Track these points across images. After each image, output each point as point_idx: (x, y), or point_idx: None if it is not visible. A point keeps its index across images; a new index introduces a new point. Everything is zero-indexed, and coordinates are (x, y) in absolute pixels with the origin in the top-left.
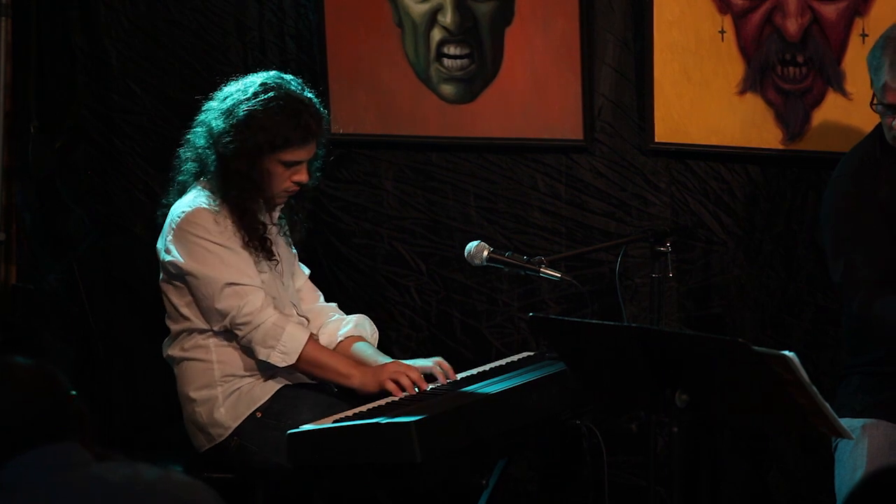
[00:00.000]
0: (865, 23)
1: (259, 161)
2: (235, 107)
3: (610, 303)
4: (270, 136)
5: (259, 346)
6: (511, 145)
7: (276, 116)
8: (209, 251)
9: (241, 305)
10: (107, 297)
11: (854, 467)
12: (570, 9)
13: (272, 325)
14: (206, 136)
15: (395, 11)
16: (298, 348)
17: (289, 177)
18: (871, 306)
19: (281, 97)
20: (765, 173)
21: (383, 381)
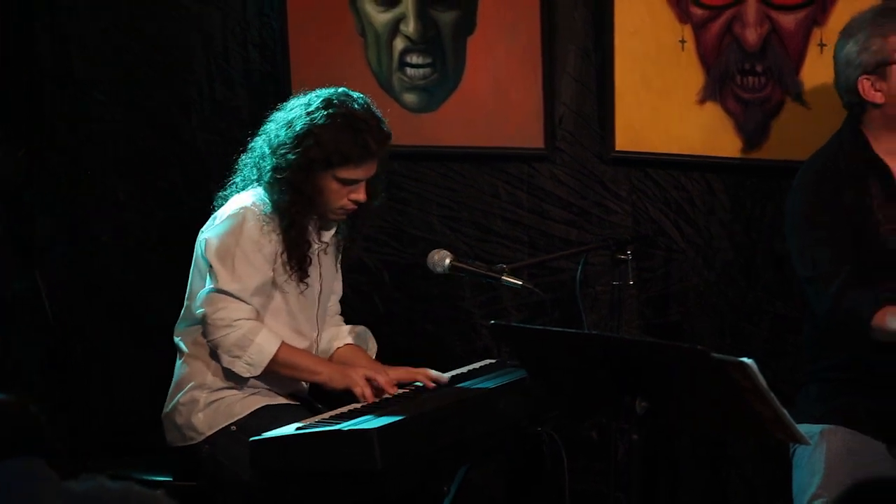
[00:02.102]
0: (823, 33)
1: (314, 176)
2: (296, 119)
3: (571, 310)
4: (327, 152)
5: (225, 353)
6: (473, 154)
7: (335, 132)
8: (231, 252)
9: (218, 309)
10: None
11: (812, 473)
12: (531, 18)
13: (241, 336)
14: (266, 145)
15: (358, 21)
16: (265, 361)
17: (346, 194)
18: (843, 299)
19: (342, 114)
20: (724, 182)
21: (349, 381)
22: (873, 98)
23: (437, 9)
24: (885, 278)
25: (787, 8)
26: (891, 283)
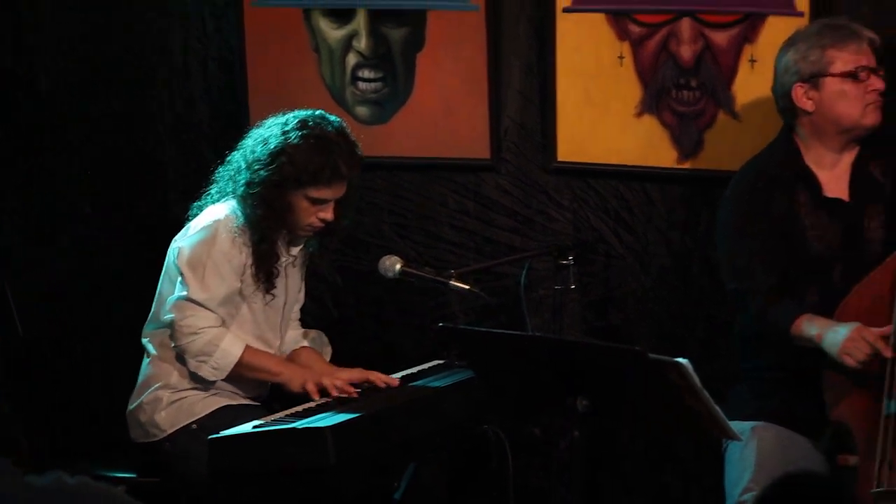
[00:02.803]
0: (754, 49)
1: (285, 193)
2: (272, 137)
3: (515, 314)
4: (298, 171)
5: (192, 358)
6: (422, 164)
7: (307, 153)
8: (202, 263)
9: (186, 317)
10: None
11: (743, 468)
12: (477, 35)
13: (207, 342)
14: (243, 159)
15: (313, 37)
16: (230, 364)
17: (315, 213)
18: (767, 311)
19: (316, 135)
20: (661, 191)
21: (305, 382)
22: (804, 105)
23: (388, 26)
24: (811, 283)
25: (720, 26)
26: (815, 287)
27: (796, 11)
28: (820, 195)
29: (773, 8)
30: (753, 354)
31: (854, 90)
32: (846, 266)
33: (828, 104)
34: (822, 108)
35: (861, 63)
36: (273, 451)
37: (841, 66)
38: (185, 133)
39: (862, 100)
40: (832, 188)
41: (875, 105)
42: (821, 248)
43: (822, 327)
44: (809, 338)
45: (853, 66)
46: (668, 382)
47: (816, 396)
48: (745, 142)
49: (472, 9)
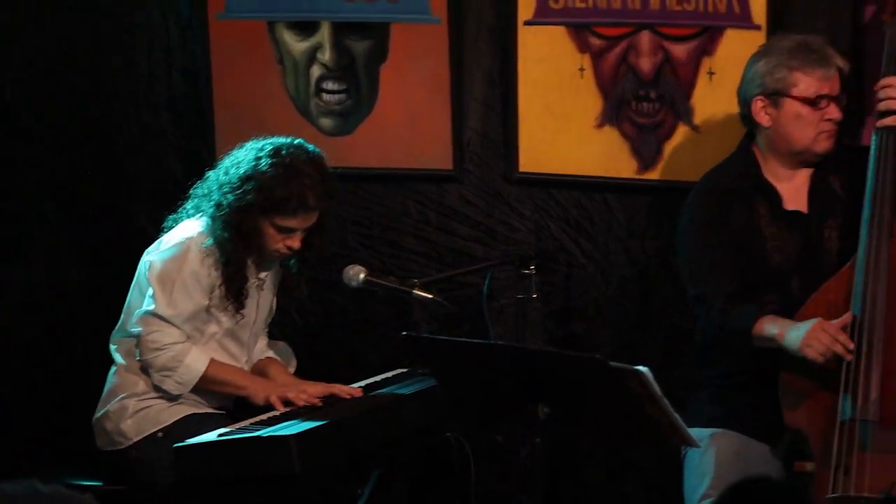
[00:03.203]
0: (712, 62)
1: (252, 219)
2: (245, 162)
3: (478, 322)
4: (265, 199)
5: (156, 372)
6: (385, 175)
7: (275, 181)
8: (171, 279)
9: (152, 332)
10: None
11: (701, 475)
12: (440, 47)
13: (171, 358)
14: (216, 180)
15: (277, 49)
16: (194, 380)
17: (281, 240)
18: (729, 314)
19: (287, 164)
20: (621, 201)
21: (269, 395)
22: (761, 119)
23: (352, 38)
24: (769, 292)
25: (679, 39)
26: (773, 296)
27: (754, 25)
28: (780, 207)
29: (730, 21)
30: (713, 362)
31: (810, 116)
32: (804, 276)
33: (783, 124)
34: (777, 126)
35: (823, 91)
36: (238, 458)
37: (803, 90)
38: (151, 144)
39: (816, 127)
40: (791, 200)
41: (828, 133)
42: (780, 259)
43: (784, 326)
44: (771, 337)
45: (814, 94)
46: (628, 390)
47: (774, 403)
48: (704, 153)
49: (435, 21)
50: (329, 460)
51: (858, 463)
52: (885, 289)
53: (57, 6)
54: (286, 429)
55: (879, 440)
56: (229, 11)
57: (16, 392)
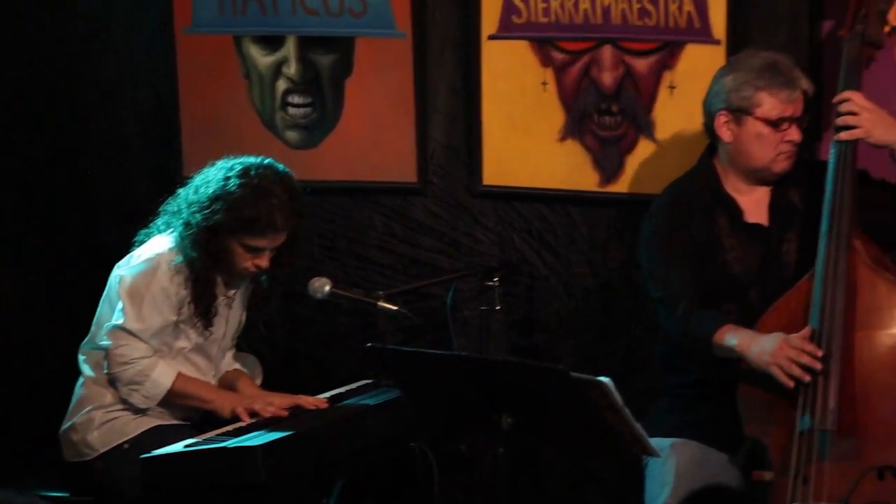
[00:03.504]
0: (673, 76)
1: (220, 238)
2: (214, 181)
3: (442, 333)
4: (232, 219)
5: (123, 386)
6: (350, 188)
7: (243, 202)
8: (141, 294)
9: (120, 346)
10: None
11: (662, 483)
12: (405, 62)
13: (138, 372)
14: (185, 199)
15: (243, 64)
16: (160, 394)
17: (249, 259)
18: (691, 317)
19: (255, 185)
20: (583, 213)
21: (235, 407)
22: (722, 134)
23: (317, 52)
24: (727, 301)
25: (640, 53)
26: (733, 306)
27: (713, 39)
28: (740, 220)
29: (691, 36)
30: (673, 373)
31: (771, 136)
32: (763, 287)
33: (744, 141)
34: (738, 142)
35: (786, 113)
36: (205, 469)
37: (766, 111)
38: (117, 158)
39: (776, 147)
40: (752, 213)
41: (787, 154)
42: (740, 270)
43: (745, 338)
44: (730, 347)
45: (777, 115)
46: (590, 401)
47: (733, 414)
48: (665, 166)
49: (399, 36)
50: (295, 470)
51: (817, 472)
52: (843, 300)
53: (24, 22)
54: (253, 439)
55: (837, 449)
56: (195, 26)
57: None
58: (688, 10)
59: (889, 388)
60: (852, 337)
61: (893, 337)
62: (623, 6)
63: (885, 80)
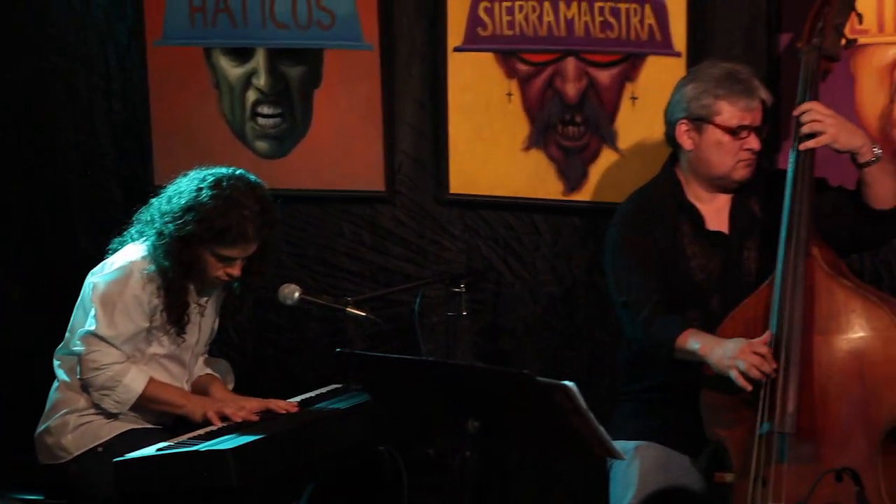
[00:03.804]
0: (635, 87)
1: (192, 248)
2: (186, 192)
3: (410, 339)
4: (204, 229)
5: (95, 391)
6: (319, 196)
7: (214, 212)
8: (113, 301)
9: (92, 351)
10: None
11: (626, 485)
12: (372, 73)
13: (110, 378)
14: (158, 209)
15: (214, 75)
16: (132, 399)
17: (221, 268)
18: (654, 321)
19: (227, 196)
20: (548, 222)
21: (207, 411)
22: (683, 142)
23: (286, 64)
24: (690, 307)
25: (603, 65)
26: (695, 312)
27: (674, 52)
28: (702, 228)
29: (652, 49)
30: (636, 377)
31: (730, 145)
32: (724, 294)
33: (704, 149)
34: (698, 150)
35: (745, 122)
36: (177, 472)
37: (726, 119)
38: (91, 167)
39: (735, 155)
40: (713, 221)
41: (746, 162)
42: (702, 277)
43: (707, 342)
44: (693, 351)
45: (736, 124)
46: (555, 405)
47: (695, 417)
48: (627, 175)
49: (367, 48)
50: (266, 473)
51: (776, 474)
52: (802, 306)
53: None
54: (224, 443)
55: (796, 452)
56: (166, 38)
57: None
58: (649, 23)
59: (846, 392)
60: (811, 342)
61: (850, 342)
62: (586, 19)
63: (841, 91)
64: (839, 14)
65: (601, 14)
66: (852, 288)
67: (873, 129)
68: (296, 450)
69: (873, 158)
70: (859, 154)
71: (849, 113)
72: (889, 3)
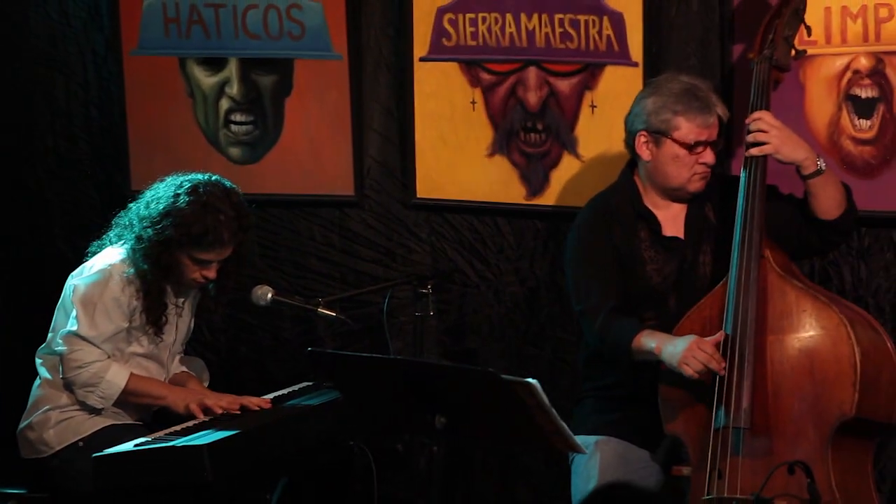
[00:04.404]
0: (594, 96)
1: (170, 252)
2: (164, 197)
3: (379, 338)
4: (182, 234)
5: (79, 388)
6: (291, 201)
7: (191, 217)
8: (93, 302)
9: (74, 350)
10: None
11: (588, 478)
12: (341, 82)
13: (92, 375)
14: (136, 214)
15: (188, 84)
16: (116, 394)
17: (198, 270)
18: (610, 327)
19: (204, 202)
20: (511, 225)
21: (189, 403)
22: (641, 153)
23: (258, 73)
24: (648, 308)
25: (563, 74)
26: (652, 313)
27: (632, 62)
28: (659, 233)
29: (610, 59)
30: (596, 375)
31: (686, 158)
32: (680, 296)
33: (661, 161)
34: (655, 161)
35: (701, 138)
36: (154, 467)
37: (683, 134)
38: (69, 172)
39: (691, 169)
40: (669, 227)
41: (701, 175)
42: (658, 280)
43: (661, 340)
44: (649, 350)
45: (693, 140)
46: (518, 401)
47: (653, 412)
48: (587, 180)
49: (336, 58)
50: (240, 468)
51: (731, 467)
52: (755, 307)
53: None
54: (199, 438)
55: (750, 446)
56: (142, 48)
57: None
58: (607, 35)
59: (798, 388)
60: (764, 341)
61: (801, 340)
62: (546, 30)
63: (792, 100)
64: (789, 26)
65: (561, 25)
66: (803, 289)
67: (822, 136)
68: (269, 445)
69: (816, 171)
70: (802, 166)
71: (798, 121)
72: (835, 16)
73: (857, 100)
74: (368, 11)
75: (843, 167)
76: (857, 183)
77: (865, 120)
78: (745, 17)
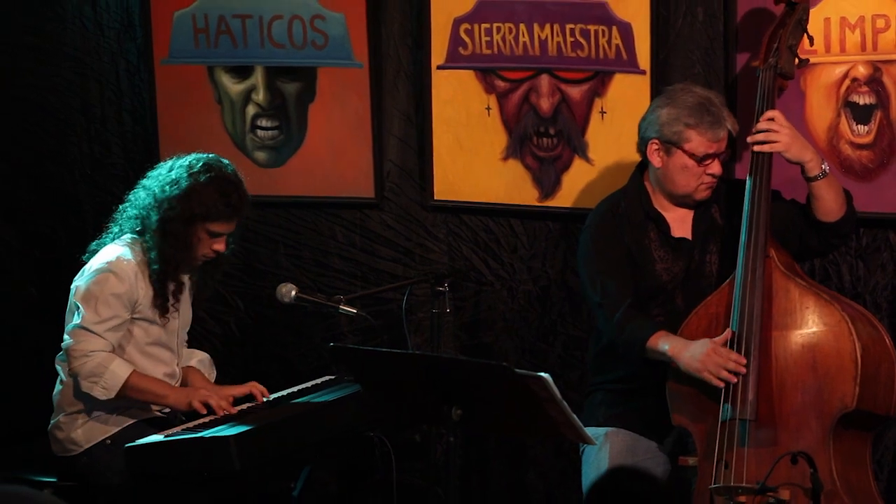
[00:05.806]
0: (604, 102)
1: (192, 227)
2: (180, 179)
3: (398, 334)
4: (206, 208)
5: (84, 379)
6: (314, 202)
7: (212, 192)
8: (94, 296)
9: (78, 342)
10: None
11: (598, 468)
12: (362, 89)
13: (97, 364)
14: (151, 199)
15: (216, 91)
16: (118, 385)
17: (210, 244)
18: (627, 323)
19: (217, 176)
20: (524, 226)
21: (192, 401)
22: (653, 160)
23: (283, 81)
24: (657, 305)
25: (574, 82)
26: (661, 310)
27: (640, 70)
28: (668, 234)
29: (619, 67)
30: (605, 369)
31: (695, 169)
32: (687, 294)
33: (671, 169)
34: (665, 169)
35: (710, 151)
36: (182, 457)
37: (693, 147)
38: (101, 175)
39: (699, 179)
40: (678, 228)
41: (707, 185)
42: (667, 279)
43: (676, 345)
44: (663, 352)
45: (702, 152)
46: (531, 394)
47: (661, 405)
48: (597, 183)
49: (357, 66)
50: (265, 458)
51: (737, 457)
52: (760, 304)
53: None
54: (227, 430)
55: (755, 437)
56: (172, 57)
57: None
58: (616, 44)
59: (801, 382)
60: (769, 336)
61: (804, 336)
62: (558, 40)
63: (793, 107)
64: (792, 35)
65: (572, 35)
66: (806, 287)
67: (822, 141)
68: (292, 436)
69: (820, 173)
70: (807, 167)
71: (799, 126)
72: (834, 26)
73: (855, 106)
74: (388, 22)
75: (842, 171)
76: (854, 186)
77: (863, 126)
78: (748, 27)
